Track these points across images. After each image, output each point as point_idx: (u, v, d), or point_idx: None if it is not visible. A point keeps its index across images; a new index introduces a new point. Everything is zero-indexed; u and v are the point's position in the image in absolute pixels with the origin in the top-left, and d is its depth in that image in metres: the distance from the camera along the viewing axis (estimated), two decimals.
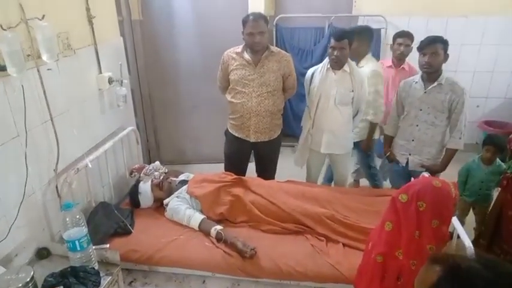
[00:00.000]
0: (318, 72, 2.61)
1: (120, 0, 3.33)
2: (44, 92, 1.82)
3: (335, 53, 2.46)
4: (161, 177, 2.53)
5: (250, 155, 2.87)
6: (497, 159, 2.57)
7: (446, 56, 2.35)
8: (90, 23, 2.25)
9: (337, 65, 2.52)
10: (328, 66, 2.56)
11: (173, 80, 3.73)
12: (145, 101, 3.87)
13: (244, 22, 2.45)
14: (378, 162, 3.60)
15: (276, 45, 4.15)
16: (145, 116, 3.92)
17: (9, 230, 1.65)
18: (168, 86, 3.76)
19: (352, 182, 3.66)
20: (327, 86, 2.56)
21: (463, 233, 1.81)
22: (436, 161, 2.49)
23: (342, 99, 2.56)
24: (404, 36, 3.05)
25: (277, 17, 4.08)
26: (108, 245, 1.88)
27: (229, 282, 1.98)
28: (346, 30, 2.59)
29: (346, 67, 2.53)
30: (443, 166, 2.48)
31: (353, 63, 2.59)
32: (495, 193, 2.60)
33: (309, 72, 2.68)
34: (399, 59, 3.12)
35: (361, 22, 4.08)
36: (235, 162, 2.82)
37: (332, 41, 2.46)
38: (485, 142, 2.62)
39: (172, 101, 3.83)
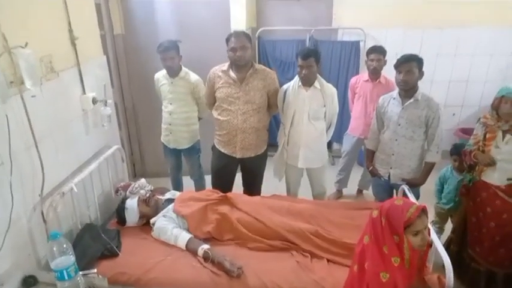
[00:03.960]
0: (291, 89, 2.68)
1: (102, 15, 3.32)
2: (28, 118, 1.81)
3: (303, 71, 2.55)
4: (147, 195, 2.53)
5: (236, 170, 2.91)
6: None
7: (421, 74, 2.45)
8: (73, 44, 2.25)
9: (307, 82, 2.61)
10: (300, 83, 2.64)
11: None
12: (129, 113, 3.86)
13: (227, 40, 2.53)
14: (360, 171, 3.71)
15: (259, 58, 4.23)
16: (130, 129, 3.91)
17: None
18: (152, 99, 3.75)
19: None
20: (300, 102, 2.64)
21: (440, 246, 1.89)
22: (416, 174, 2.59)
23: (315, 115, 2.65)
24: (376, 51, 3.16)
25: (260, 30, 4.14)
26: (95, 270, 1.88)
27: None
28: (311, 49, 2.66)
29: (316, 83, 2.62)
30: (423, 179, 2.58)
31: (322, 79, 2.67)
32: None
33: (281, 90, 2.73)
34: (374, 73, 3.23)
35: (340, 34, 4.19)
36: (222, 177, 2.86)
37: (299, 60, 2.54)
38: (451, 152, 2.75)
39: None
